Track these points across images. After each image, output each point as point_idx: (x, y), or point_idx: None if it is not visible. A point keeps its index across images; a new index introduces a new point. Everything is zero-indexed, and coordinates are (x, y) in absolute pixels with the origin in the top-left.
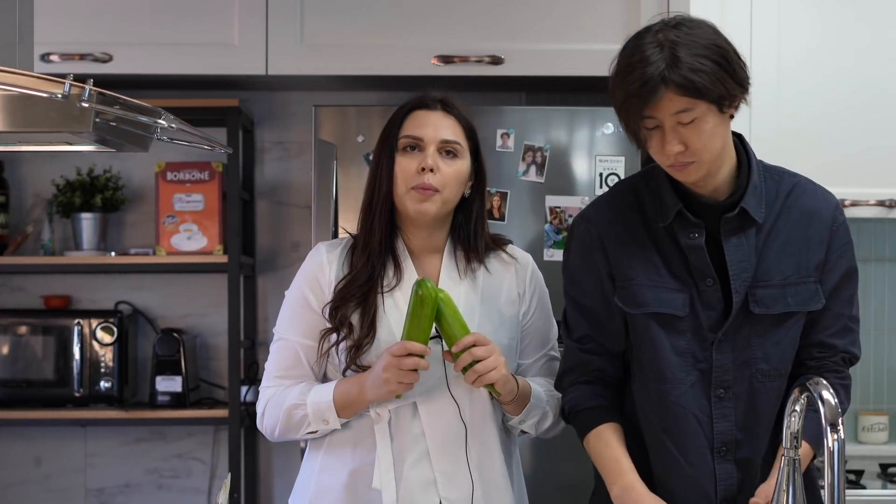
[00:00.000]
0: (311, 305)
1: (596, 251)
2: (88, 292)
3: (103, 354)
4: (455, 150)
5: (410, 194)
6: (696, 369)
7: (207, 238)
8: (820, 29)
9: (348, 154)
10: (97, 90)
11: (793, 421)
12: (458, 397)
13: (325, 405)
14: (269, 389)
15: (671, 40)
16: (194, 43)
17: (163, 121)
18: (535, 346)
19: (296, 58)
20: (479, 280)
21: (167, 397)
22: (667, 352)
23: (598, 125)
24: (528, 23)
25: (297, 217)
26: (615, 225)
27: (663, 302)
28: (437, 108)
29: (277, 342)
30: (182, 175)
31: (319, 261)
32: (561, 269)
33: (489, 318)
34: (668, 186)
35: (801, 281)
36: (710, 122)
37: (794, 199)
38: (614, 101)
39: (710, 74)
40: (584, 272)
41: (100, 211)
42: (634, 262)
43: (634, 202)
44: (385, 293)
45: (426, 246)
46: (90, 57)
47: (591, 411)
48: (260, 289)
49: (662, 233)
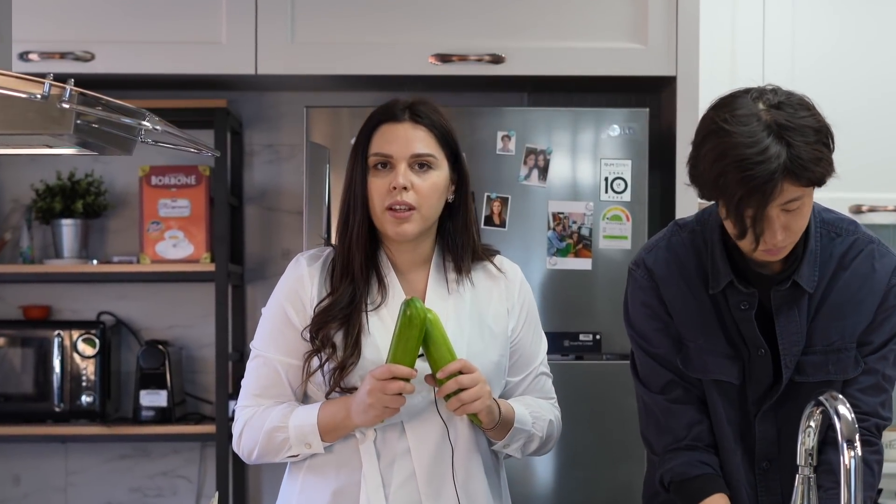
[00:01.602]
0: (291, 322)
1: (657, 300)
2: (69, 302)
3: (85, 367)
4: (428, 163)
5: (387, 216)
6: (742, 441)
7: (194, 245)
8: (837, 30)
9: (341, 157)
10: (78, 90)
11: (808, 438)
12: (446, 418)
13: (308, 428)
14: (247, 409)
15: (781, 125)
16: (180, 41)
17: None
18: (524, 363)
19: (286, 56)
20: (467, 294)
21: (152, 412)
22: (723, 422)
23: (603, 127)
24: (530, 20)
25: (288, 223)
26: (673, 276)
27: (723, 369)
28: (405, 118)
29: (255, 359)
30: (167, 179)
31: (300, 275)
32: (623, 319)
33: (479, 335)
34: (721, 251)
35: (845, 347)
36: (809, 203)
37: (849, 261)
38: (727, 194)
39: (826, 161)
40: (648, 323)
41: (81, 217)
42: (695, 321)
43: (692, 255)
44: (370, 311)
45: (411, 260)
46: (71, 56)
47: (698, 480)
48: (249, 299)
49: (718, 294)
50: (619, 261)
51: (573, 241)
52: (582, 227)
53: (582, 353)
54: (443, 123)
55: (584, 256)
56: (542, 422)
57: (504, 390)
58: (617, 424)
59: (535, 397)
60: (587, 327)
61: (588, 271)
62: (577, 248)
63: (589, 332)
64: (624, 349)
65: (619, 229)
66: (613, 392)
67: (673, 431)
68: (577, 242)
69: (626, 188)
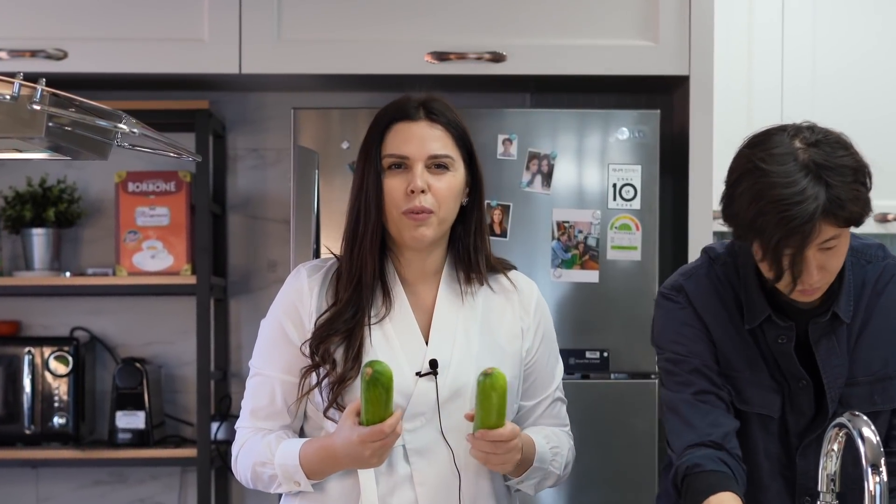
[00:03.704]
0: (289, 337)
1: (698, 323)
2: (40, 317)
3: (57, 387)
4: (445, 164)
5: (403, 220)
6: (781, 476)
7: (174, 257)
8: (861, 28)
9: (331, 162)
10: (50, 91)
11: (829, 462)
12: (452, 442)
13: (292, 469)
14: (244, 430)
15: (819, 164)
16: (159, 38)
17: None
18: (540, 387)
19: (272, 55)
20: (479, 310)
21: (128, 435)
22: (760, 455)
23: (611, 130)
24: (533, 15)
25: (275, 233)
26: (713, 305)
27: (765, 402)
28: (420, 117)
29: (253, 378)
30: (145, 186)
31: (299, 287)
32: (650, 336)
33: (490, 354)
34: (757, 286)
35: (888, 375)
36: (846, 243)
37: (882, 286)
38: (765, 235)
39: (864, 201)
40: (687, 338)
41: (53, 226)
42: (738, 351)
43: (728, 287)
44: (373, 325)
45: (421, 270)
46: (42, 54)
47: (714, 475)
48: (232, 313)
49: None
50: (628, 273)
51: (579, 252)
52: (588, 236)
53: (588, 372)
54: (458, 122)
55: (591, 268)
56: (561, 457)
57: (517, 415)
58: (626, 448)
59: (548, 424)
60: (594, 344)
61: (595, 284)
62: (584, 260)
63: (596, 350)
64: (633, 367)
65: (628, 239)
66: (622, 413)
67: (696, 429)
68: (584, 253)
69: (635, 195)
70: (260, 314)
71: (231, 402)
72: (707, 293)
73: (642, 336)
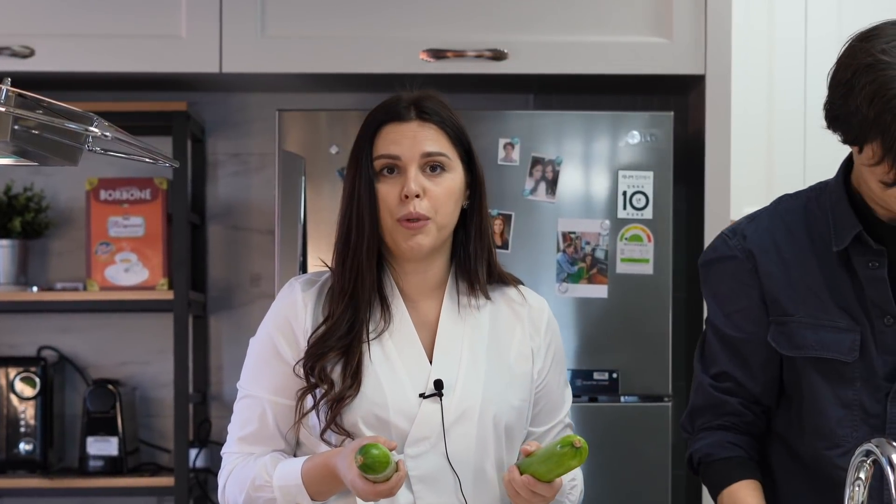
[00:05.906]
0: (281, 355)
1: (748, 274)
2: (5, 335)
3: (23, 410)
4: (441, 163)
5: (398, 229)
6: (865, 425)
7: (149, 270)
8: None
9: (319, 168)
10: (16, 91)
11: (857, 491)
12: (458, 469)
13: (294, 489)
14: (232, 456)
15: None
16: (133, 35)
17: (95, 128)
18: (550, 412)
19: (256, 52)
20: (485, 327)
21: (100, 462)
22: (828, 404)
23: (620, 133)
24: (536, 10)
25: (258, 245)
26: (776, 244)
27: (827, 345)
28: (411, 117)
29: (242, 399)
30: (118, 194)
31: (293, 301)
32: (701, 285)
33: (498, 375)
34: (847, 205)
35: None
36: None
37: None
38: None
39: None
40: (730, 296)
41: (19, 237)
42: (795, 292)
43: (802, 220)
44: (371, 340)
45: (422, 283)
46: (7, 51)
47: (726, 464)
48: (212, 331)
49: (833, 259)
50: (639, 287)
51: (586, 266)
52: (596, 248)
53: (597, 395)
54: (454, 119)
55: (599, 282)
56: (577, 490)
57: (524, 442)
58: (637, 476)
59: None
60: (603, 364)
61: (603, 299)
62: (591, 273)
63: (604, 370)
64: (645, 389)
65: (640, 251)
66: (633, 439)
67: (712, 410)
68: (591, 266)
69: (647, 204)
70: (242, 331)
71: (211, 426)
72: (769, 233)
73: (654, 356)
